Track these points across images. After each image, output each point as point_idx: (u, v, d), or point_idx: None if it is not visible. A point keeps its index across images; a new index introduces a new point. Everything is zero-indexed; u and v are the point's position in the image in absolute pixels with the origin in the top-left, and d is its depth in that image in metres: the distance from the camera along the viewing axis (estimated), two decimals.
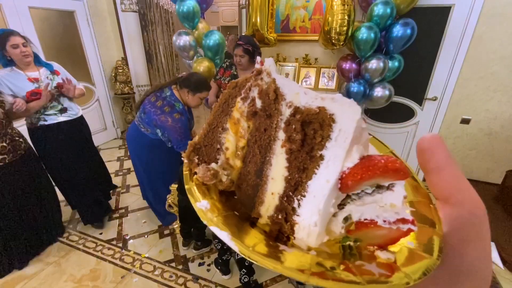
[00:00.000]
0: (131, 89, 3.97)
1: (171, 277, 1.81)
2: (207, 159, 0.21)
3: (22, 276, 1.80)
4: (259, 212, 0.19)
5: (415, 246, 0.15)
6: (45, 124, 1.84)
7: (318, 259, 0.15)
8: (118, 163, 3.38)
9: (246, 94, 0.19)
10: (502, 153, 2.64)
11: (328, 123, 0.16)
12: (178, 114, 1.73)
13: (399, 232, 0.16)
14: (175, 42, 2.44)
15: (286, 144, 0.17)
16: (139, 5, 3.70)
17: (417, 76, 2.69)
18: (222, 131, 0.20)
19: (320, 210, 0.16)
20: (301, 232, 0.17)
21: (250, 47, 2.11)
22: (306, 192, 0.17)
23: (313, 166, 0.17)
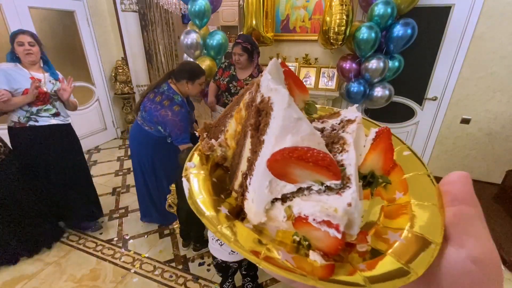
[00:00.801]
0: (131, 89, 3.97)
1: (171, 277, 1.81)
2: (212, 136, 0.26)
3: (22, 276, 1.80)
4: (234, 186, 0.22)
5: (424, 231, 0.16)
6: (35, 125, 1.80)
7: (259, 237, 0.17)
8: (118, 163, 3.38)
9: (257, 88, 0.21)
10: (502, 153, 2.64)
11: (268, 111, 0.18)
12: (178, 106, 1.72)
13: (336, 240, 0.15)
14: (183, 40, 2.54)
15: (250, 130, 0.20)
16: (139, 5, 3.69)
17: (417, 76, 2.69)
18: (230, 117, 0.25)
19: (254, 188, 0.19)
20: (246, 208, 0.20)
21: (248, 45, 2.11)
22: (253, 171, 0.19)
23: (259, 148, 0.19)
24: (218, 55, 2.61)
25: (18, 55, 1.69)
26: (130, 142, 1.98)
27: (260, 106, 0.19)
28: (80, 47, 3.48)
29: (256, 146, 0.19)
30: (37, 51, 1.73)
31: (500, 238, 2.05)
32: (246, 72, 2.25)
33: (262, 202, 0.18)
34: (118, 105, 4.13)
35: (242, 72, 2.26)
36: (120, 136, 4.22)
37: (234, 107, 0.24)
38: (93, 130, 3.80)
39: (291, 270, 0.14)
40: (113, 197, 2.68)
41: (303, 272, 0.14)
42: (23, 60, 1.72)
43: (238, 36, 2.24)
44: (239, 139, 0.23)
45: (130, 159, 3.49)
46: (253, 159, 0.19)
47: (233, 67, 2.29)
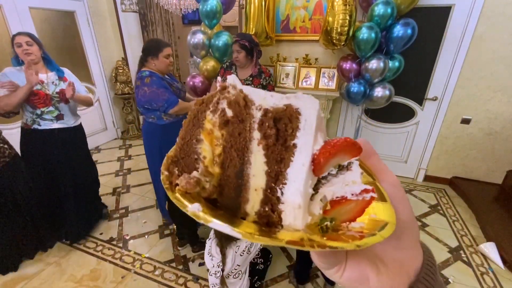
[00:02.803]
0: (131, 89, 3.97)
1: (171, 277, 1.81)
2: (187, 169, 0.22)
3: (22, 276, 1.80)
4: (246, 210, 0.20)
5: (377, 217, 0.19)
6: (38, 129, 1.80)
7: (306, 235, 0.18)
8: (119, 163, 3.39)
9: (215, 107, 0.21)
10: (502, 153, 2.64)
11: (296, 116, 0.19)
12: (147, 78, 1.75)
13: (363, 202, 0.19)
14: (189, 40, 2.56)
15: (263, 141, 0.19)
16: (139, 6, 3.70)
17: (417, 76, 2.69)
18: (197, 143, 0.22)
19: (301, 192, 0.18)
20: (288, 218, 0.19)
21: (246, 43, 2.12)
22: (287, 180, 0.19)
23: (289, 155, 0.19)
24: (224, 56, 2.61)
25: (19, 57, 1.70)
26: (143, 138, 2.03)
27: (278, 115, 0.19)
28: (80, 47, 3.49)
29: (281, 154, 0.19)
30: (36, 50, 1.72)
31: (501, 238, 2.05)
32: (246, 72, 2.26)
33: (307, 202, 0.19)
34: (118, 105, 4.13)
35: (243, 71, 2.27)
36: (121, 137, 4.23)
37: (195, 131, 0.22)
38: (93, 130, 3.81)
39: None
40: (113, 197, 2.68)
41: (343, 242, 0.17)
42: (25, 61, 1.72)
43: (237, 34, 2.26)
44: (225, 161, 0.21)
45: (130, 159, 3.50)
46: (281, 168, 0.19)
47: (234, 67, 2.30)
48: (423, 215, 2.48)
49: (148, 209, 2.50)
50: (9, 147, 1.74)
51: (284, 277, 1.82)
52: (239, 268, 1.33)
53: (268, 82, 2.29)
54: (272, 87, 2.34)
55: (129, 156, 3.60)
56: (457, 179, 2.89)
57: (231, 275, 1.33)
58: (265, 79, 2.27)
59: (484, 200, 2.52)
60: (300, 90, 2.75)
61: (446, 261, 1.97)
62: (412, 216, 0.22)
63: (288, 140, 0.19)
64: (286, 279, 1.81)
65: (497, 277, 1.84)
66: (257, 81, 2.25)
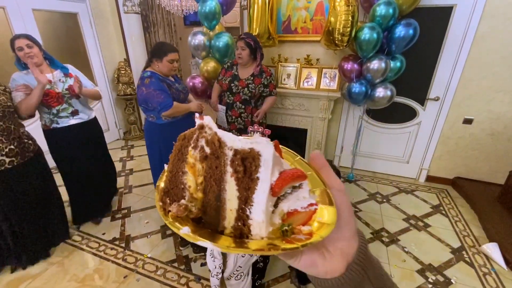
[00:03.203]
0: (133, 90, 3.99)
1: (174, 277, 1.82)
2: (176, 198, 0.27)
3: (26, 276, 1.81)
4: (224, 225, 0.26)
5: (323, 219, 0.26)
6: (57, 127, 1.90)
7: (269, 241, 0.24)
8: (121, 164, 3.40)
9: (195, 143, 0.27)
10: (505, 153, 2.63)
11: (257, 157, 0.25)
12: (147, 78, 1.79)
13: (310, 212, 0.26)
14: (190, 41, 2.58)
15: (234, 174, 0.25)
16: (141, 7, 3.72)
17: (419, 76, 2.68)
18: (182, 175, 0.27)
19: (263, 211, 0.25)
20: (255, 229, 0.25)
21: (252, 42, 2.14)
22: (253, 202, 0.25)
23: (254, 184, 0.25)
24: (225, 57, 2.62)
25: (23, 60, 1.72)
26: (145, 137, 2.08)
27: (244, 155, 0.25)
28: (83, 48, 3.51)
29: (248, 184, 0.25)
30: (37, 52, 1.74)
31: (503, 239, 2.04)
32: (248, 71, 2.26)
33: (268, 217, 0.25)
34: (120, 106, 4.15)
35: (244, 70, 2.27)
36: (123, 137, 4.24)
37: (180, 164, 0.27)
38: None
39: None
40: (115, 198, 2.69)
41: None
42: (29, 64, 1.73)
43: (243, 33, 2.29)
44: (206, 188, 0.27)
45: (132, 160, 3.51)
46: (248, 194, 0.25)
47: (236, 67, 2.30)
48: (425, 215, 2.48)
49: (150, 209, 2.51)
50: (33, 143, 1.79)
51: (285, 277, 1.82)
52: (240, 269, 1.33)
53: (269, 82, 2.29)
54: (273, 86, 2.34)
55: (131, 157, 3.61)
56: (460, 179, 2.88)
57: (232, 276, 1.34)
58: (266, 79, 2.27)
59: (486, 201, 2.51)
60: (302, 91, 2.76)
61: (449, 261, 1.97)
62: (350, 215, 0.29)
63: (253, 174, 0.25)
64: (287, 279, 1.81)
65: (500, 278, 1.83)
66: (258, 80, 2.26)
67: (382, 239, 2.18)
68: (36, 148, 1.81)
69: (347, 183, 3.01)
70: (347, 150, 3.23)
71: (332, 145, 3.29)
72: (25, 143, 1.71)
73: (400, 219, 2.43)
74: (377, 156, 3.17)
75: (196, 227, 0.26)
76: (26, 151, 1.72)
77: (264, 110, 2.37)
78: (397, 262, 1.96)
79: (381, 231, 2.27)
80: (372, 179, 3.12)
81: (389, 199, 2.72)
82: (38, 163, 1.82)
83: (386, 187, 2.95)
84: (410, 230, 2.29)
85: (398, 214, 2.50)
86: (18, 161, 1.67)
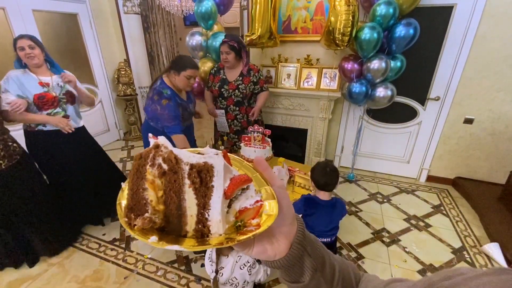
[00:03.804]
0: (133, 91, 3.99)
1: (174, 278, 1.82)
2: (139, 212, 0.29)
3: (26, 277, 1.81)
4: (186, 230, 0.30)
5: (268, 212, 0.30)
6: (43, 129, 1.82)
7: (226, 236, 0.29)
8: (121, 164, 3.40)
9: (152, 161, 0.30)
10: (506, 153, 2.62)
11: (211, 169, 0.29)
12: (166, 100, 1.75)
13: (257, 208, 0.31)
14: (188, 41, 2.59)
15: (192, 185, 0.29)
16: (141, 7, 3.72)
17: (419, 76, 2.68)
18: (143, 191, 0.30)
19: (219, 212, 0.29)
20: (214, 229, 0.29)
21: (235, 44, 2.13)
22: (210, 207, 0.29)
23: (209, 192, 0.29)
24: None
25: (23, 60, 1.71)
26: (143, 138, 2.05)
27: (199, 168, 0.29)
28: (83, 49, 3.51)
29: (205, 192, 0.29)
30: (38, 53, 1.73)
31: (504, 239, 2.04)
32: (235, 72, 2.27)
33: (224, 216, 0.30)
34: (120, 106, 4.15)
35: (232, 73, 2.27)
36: (123, 138, 4.24)
37: (139, 182, 0.30)
38: (96, 131, 3.82)
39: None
40: None
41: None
42: (29, 66, 1.74)
43: (225, 35, 2.26)
44: (167, 200, 0.30)
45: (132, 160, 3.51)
46: (206, 201, 0.29)
47: (222, 70, 2.30)
48: (426, 215, 2.47)
49: None
50: (18, 145, 1.77)
51: None
52: (236, 281, 1.33)
53: (258, 78, 2.30)
54: (263, 81, 2.35)
55: (131, 157, 3.61)
56: (460, 179, 2.87)
57: (227, 283, 1.34)
58: (255, 76, 2.29)
59: (487, 201, 2.50)
60: (302, 91, 2.75)
61: (450, 261, 1.96)
62: (289, 205, 0.33)
63: (208, 183, 0.29)
64: None
65: None
66: (247, 79, 2.26)
67: (382, 239, 2.18)
68: (22, 151, 1.78)
69: (347, 183, 3.01)
70: (347, 150, 3.22)
71: (333, 145, 3.29)
72: (10, 146, 1.68)
73: (401, 219, 2.42)
74: (377, 156, 3.17)
75: (161, 235, 0.29)
76: (12, 154, 1.68)
77: (259, 107, 2.37)
78: (398, 262, 1.96)
79: (382, 231, 2.27)
80: (373, 179, 3.11)
81: (389, 199, 2.72)
82: (26, 165, 1.77)
83: (386, 187, 2.95)
84: (411, 230, 2.28)
85: (399, 214, 2.49)
86: (6, 164, 1.64)
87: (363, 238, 2.18)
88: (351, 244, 2.12)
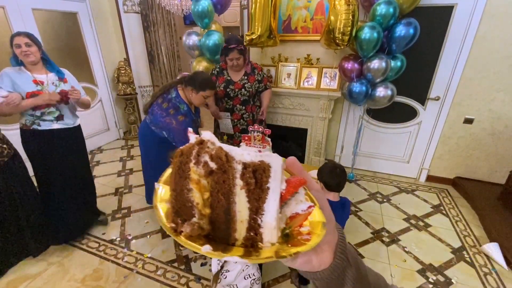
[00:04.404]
0: (133, 90, 3.99)
1: (174, 277, 1.82)
2: (186, 217, 0.26)
3: (25, 276, 1.81)
4: (235, 237, 0.27)
5: (313, 219, 0.28)
6: (38, 129, 1.79)
7: (278, 246, 0.26)
8: (121, 164, 3.40)
9: (196, 159, 0.26)
10: (505, 153, 2.62)
11: (268, 168, 0.26)
12: (182, 116, 1.76)
13: (307, 214, 0.28)
14: (185, 41, 2.59)
15: (245, 187, 0.26)
16: (141, 6, 3.71)
17: (419, 75, 2.68)
18: (188, 192, 0.26)
19: (275, 218, 0.26)
20: (267, 237, 0.26)
21: (242, 47, 2.12)
22: (264, 211, 0.26)
23: (264, 194, 0.26)
24: (215, 55, 2.59)
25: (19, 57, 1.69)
26: (139, 139, 2.02)
27: (255, 168, 0.26)
28: (83, 48, 3.50)
29: (259, 194, 0.26)
30: (35, 51, 1.70)
31: (504, 239, 2.04)
32: (240, 72, 2.26)
33: (278, 223, 0.27)
34: (120, 106, 4.15)
35: (236, 72, 2.26)
36: (123, 137, 4.24)
37: (183, 182, 0.26)
38: (95, 130, 3.82)
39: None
40: (115, 198, 2.69)
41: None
42: (25, 63, 1.72)
43: (229, 40, 2.15)
44: (213, 203, 0.27)
45: (132, 160, 3.51)
46: (259, 204, 0.26)
47: (225, 71, 2.28)
48: (425, 215, 2.47)
49: (150, 209, 2.51)
50: (8, 147, 1.72)
51: (285, 277, 1.82)
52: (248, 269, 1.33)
53: (262, 76, 2.31)
54: (267, 79, 2.36)
55: (131, 157, 3.61)
56: (460, 179, 2.87)
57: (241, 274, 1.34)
58: (259, 74, 2.29)
59: (487, 200, 2.50)
60: (302, 90, 2.75)
61: (449, 261, 1.96)
62: (330, 211, 0.31)
63: (263, 184, 0.26)
64: (287, 279, 1.80)
65: (501, 278, 1.82)
66: (252, 78, 2.26)
67: (382, 239, 2.18)
68: (12, 153, 1.73)
69: (347, 182, 3.01)
70: (347, 150, 3.22)
71: (333, 144, 3.29)
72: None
73: (400, 219, 2.43)
74: (377, 155, 3.17)
75: (209, 242, 0.25)
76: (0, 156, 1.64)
77: (266, 105, 2.39)
78: (397, 262, 1.96)
79: (382, 231, 2.27)
80: (373, 178, 3.11)
81: (389, 199, 2.72)
82: (14, 167, 1.73)
83: (386, 186, 2.95)
84: (410, 230, 2.28)
85: (399, 214, 2.49)
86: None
87: (363, 238, 2.18)
88: (351, 243, 2.12)
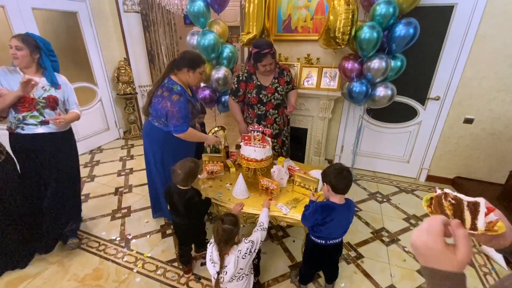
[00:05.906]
0: (133, 90, 3.99)
1: (173, 277, 1.82)
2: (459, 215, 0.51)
3: (25, 276, 1.81)
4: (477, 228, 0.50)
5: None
6: (21, 133, 1.73)
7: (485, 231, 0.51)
8: (121, 163, 3.40)
9: (446, 199, 0.52)
10: (505, 153, 2.62)
11: (477, 204, 0.49)
12: (177, 95, 1.74)
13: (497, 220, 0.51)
14: (189, 41, 2.64)
15: (467, 210, 0.50)
16: (141, 6, 3.71)
17: (419, 75, 2.68)
18: (444, 211, 0.52)
19: (483, 224, 0.49)
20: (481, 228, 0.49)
21: (274, 50, 2.08)
22: (477, 220, 0.49)
23: (477, 214, 0.49)
24: (212, 53, 2.56)
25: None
26: (143, 138, 2.02)
27: (472, 202, 0.49)
28: (82, 47, 3.50)
29: (475, 214, 0.48)
30: (22, 55, 1.63)
31: None
32: (270, 76, 2.20)
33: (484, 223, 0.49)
34: (120, 105, 4.15)
35: (266, 77, 2.20)
36: (123, 136, 4.24)
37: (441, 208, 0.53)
38: (95, 130, 3.82)
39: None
40: (115, 197, 2.69)
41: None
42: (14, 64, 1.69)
43: (260, 44, 2.03)
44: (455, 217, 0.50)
45: (132, 159, 3.51)
46: (475, 216, 0.48)
47: (254, 76, 2.19)
48: (425, 215, 2.47)
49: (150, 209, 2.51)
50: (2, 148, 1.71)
51: (285, 277, 1.82)
52: (242, 271, 1.33)
53: (290, 77, 2.29)
54: (293, 79, 2.35)
55: (131, 156, 3.61)
56: (460, 179, 2.87)
57: (234, 278, 1.33)
58: (288, 76, 2.27)
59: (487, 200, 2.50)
60: (302, 90, 2.75)
61: None
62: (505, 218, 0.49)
63: (477, 208, 0.48)
64: (287, 279, 1.81)
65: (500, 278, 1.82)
66: (282, 80, 2.23)
67: (382, 238, 2.18)
68: (5, 151, 1.70)
69: None
70: (347, 150, 3.22)
71: (332, 144, 3.29)
72: None
73: (400, 219, 2.43)
74: (377, 155, 3.17)
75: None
76: None
77: (294, 103, 2.37)
78: (397, 261, 1.96)
79: (382, 231, 2.27)
80: (373, 178, 3.11)
81: (389, 199, 2.72)
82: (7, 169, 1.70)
83: (386, 186, 2.95)
84: (410, 230, 2.28)
85: (399, 214, 2.49)
86: None
87: (363, 238, 2.19)
88: (351, 243, 2.12)
